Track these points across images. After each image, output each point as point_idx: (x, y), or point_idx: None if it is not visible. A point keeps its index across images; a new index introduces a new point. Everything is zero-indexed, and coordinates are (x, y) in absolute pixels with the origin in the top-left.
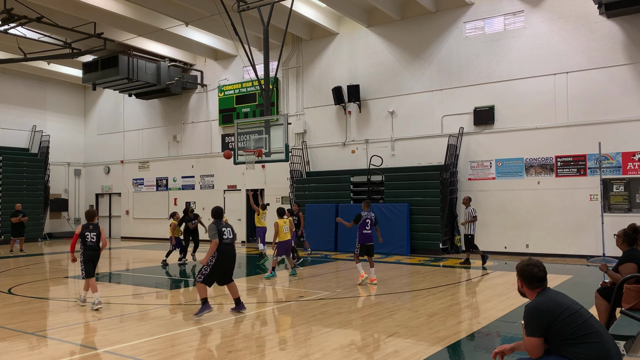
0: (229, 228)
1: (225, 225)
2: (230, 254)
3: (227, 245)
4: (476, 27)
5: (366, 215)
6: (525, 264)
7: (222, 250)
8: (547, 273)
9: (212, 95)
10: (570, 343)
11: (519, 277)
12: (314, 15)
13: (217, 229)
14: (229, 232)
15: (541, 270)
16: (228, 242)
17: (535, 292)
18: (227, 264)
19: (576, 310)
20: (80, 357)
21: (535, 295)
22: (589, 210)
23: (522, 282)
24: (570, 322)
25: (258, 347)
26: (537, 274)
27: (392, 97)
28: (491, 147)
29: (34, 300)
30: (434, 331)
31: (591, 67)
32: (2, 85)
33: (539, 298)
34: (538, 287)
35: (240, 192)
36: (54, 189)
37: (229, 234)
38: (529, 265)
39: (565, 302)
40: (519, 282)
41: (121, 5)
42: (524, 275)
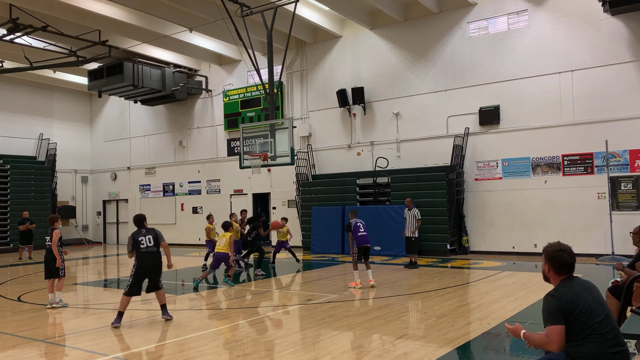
0: (149, 236)
1: (144, 234)
2: (149, 263)
3: (147, 254)
4: (480, 27)
5: (355, 221)
6: (556, 249)
7: (141, 259)
8: None
9: (217, 100)
10: (574, 340)
11: (547, 262)
12: (317, 18)
13: (132, 239)
14: (148, 240)
15: (571, 257)
16: (145, 250)
17: (560, 279)
18: (147, 273)
19: (592, 309)
20: None
21: (558, 282)
22: (597, 208)
23: (550, 267)
24: (582, 320)
25: (267, 350)
26: (567, 260)
27: (397, 99)
28: (497, 146)
29: (43, 308)
30: (443, 332)
31: (596, 65)
32: (9, 94)
33: (561, 287)
34: (565, 274)
35: (247, 196)
36: (62, 196)
37: (148, 242)
38: (560, 251)
39: (586, 298)
40: (545, 267)
41: (125, 13)
42: (553, 260)
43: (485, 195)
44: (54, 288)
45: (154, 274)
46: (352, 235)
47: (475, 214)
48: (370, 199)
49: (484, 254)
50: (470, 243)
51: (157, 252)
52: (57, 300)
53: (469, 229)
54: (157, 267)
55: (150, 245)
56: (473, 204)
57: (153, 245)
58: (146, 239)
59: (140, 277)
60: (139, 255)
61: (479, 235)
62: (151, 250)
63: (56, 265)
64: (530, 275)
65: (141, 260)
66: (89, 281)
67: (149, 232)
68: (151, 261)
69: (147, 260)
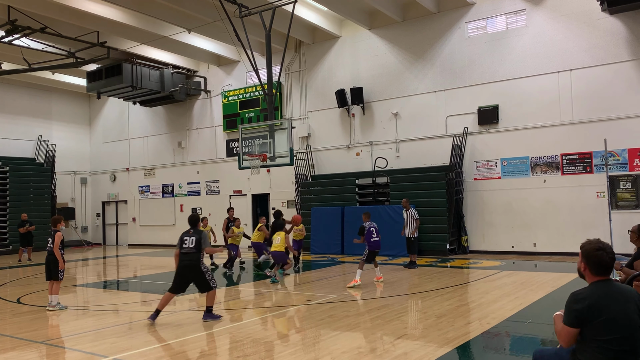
0: (193, 238)
1: (190, 234)
2: (183, 263)
3: (183, 255)
4: (478, 26)
5: (369, 224)
6: (595, 247)
7: (180, 258)
8: (559, 272)
9: (216, 101)
10: (583, 344)
11: (584, 260)
12: (315, 19)
13: (180, 238)
14: (190, 241)
15: (610, 257)
16: (184, 251)
17: (595, 280)
18: (182, 273)
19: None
20: None
21: (592, 282)
22: (596, 207)
23: (586, 265)
24: (597, 331)
25: (267, 351)
26: (605, 260)
27: (396, 99)
28: (496, 146)
29: (42, 310)
30: (443, 332)
31: (595, 64)
32: (8, 96)
33: (590, 290)
34: (601, 275)
35: (246, 197)
36: (61, 197)
37: (190, 243)
38: (599, 250)
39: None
40: (581, 264)
41: (124, 14)
42: (590, 259)
43: (484, 195)
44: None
45: (189, 276)
46: (365, 239)
47: (474, 214)
48: (370, 199)
49: (484, 254)
50: (470, 243)
51: (194, 254)
52: (54, 304)
53: (468, 228)
54: (191, 268)
55: (190, 247)
56: (472, 203)
57: (193, 247)
58: (190, 240)
59: (176, 276)
60: (180, 255)
61: (478, 234)
62: (189, 252)
63: (59, 268)
64: (529, 274)
65: (180, 260)
66: (88, 283)
67: (194, 234)
68: (184, 261)
69: (182, 260)
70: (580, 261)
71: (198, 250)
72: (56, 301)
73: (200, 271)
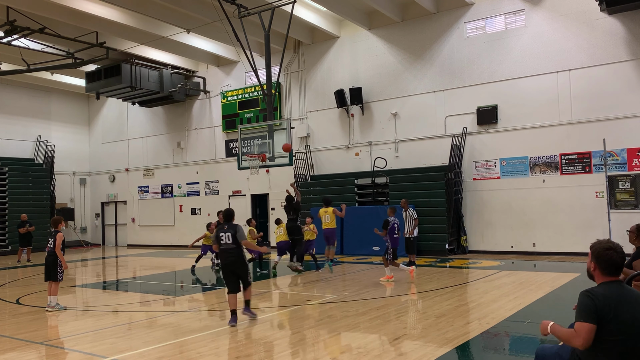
0: (229, 233)
1: (226, 230)
2: (228, 260)
3: (225, 251)
4: (477, 27)
5: (393, 220)
6: (605, 247)
7: (221, 256)
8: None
9: (215, 101)
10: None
11: (594, 259)
12: (314, 19)
13: (216, 235)
14: (227, 237)
15: (620, 257)
16: (224, 247)
17: (605, 280)
18: (230, 269)
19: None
20: None
21: (602, 282)
22: (595, 207)
23: (596, 265)
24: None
25: (266, 352)
26: (616, 260)
27: (395, 99)
28: (495, 146)
29: (41, 310)
30: (442, 332)
31: (593, 64)
32: (7, 97)
33: (603, 288)
34: (611, 275)
35: (245, 197)
36: (60, 198)
37: (227, 239)
38: (609, 250)
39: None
40: (591, 264)
41: (123, 14)
42: (601, 259)
43: (483, 195)
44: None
45: (238, 271)
46: (388, 234)
47: (473, 214)
48: (369, 199)
49: (483, 254)
50: (469, 243)
51: (235, 249)
52: (53, 304)
53: (467, 228)
54: (238, 264)
55: (228, 243)
56: (471, 203)
57: (232, 242)
58: (226, 235)
59: (225, 275)
60: (220, 252)
61: (477, 234)
62: (229, 248)
63: (63, 268)
64: (529, 274)
65: (222, 258)
66: (87, 283)
67: (230, 229)
68: (230, 258)
69: (225, 258)
70: (590, 261)
71: (237, 245)
72: (55, 302)
73: (246, 265)
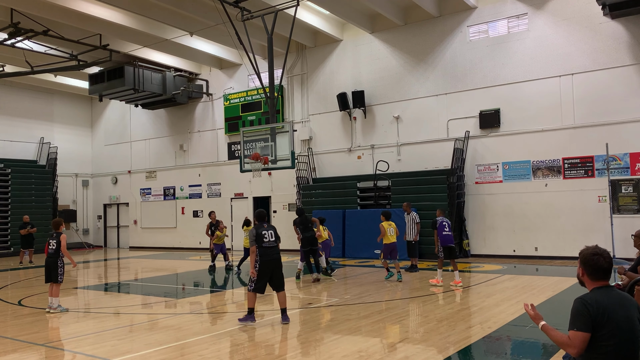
0: (271, 231)
1: (266, 228)
2: (273, 257)
3: (269, 249)
4: (480, 30)
5: (442, 219)
6: (591, 252)
7: (264, 253)
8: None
9: (218, 104)
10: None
11: (582, 265)
12: (317, 22)
13: (255, 233)
14: (270, 234)
15: (607, 261)
16: (268, 245)
17: (595, 285)
18: (270, 267)
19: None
20: None
21: (592, 287)
22: (598, 212)
23: (584, 270)
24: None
25: (267, 354)
26: (602, 265)
27: (397, 102)
28: (497, 150)
29: (43, 312)
30: (444, 336)
31: (596, 69)
32: (10, 98)
33: (595, 295)
34: (600, 280)
35: (247, 200)
36: (63, 200)
37: (270, 237)
38: (595, 255)
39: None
40: (580, 270)
41: (126, 17)
42: (587, 264)
43: (485, 199)
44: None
45: (279, 268)
46: (437, 234)
47: (475, 217)
48: (371, 202)
49: (485, 257)
50: (471, 246)
51: (278, 247)
52: (54, 306)
53: (469, 232)
54: (280, 262)
55: (271, 240)
56: (474, 207)
57: (274, 240)
58: (268, 233)
59: (264, 273)
60: (262, 250)
61: (479, 238)
62: (273, 245)
63: (73, 266)
64: (531, 278)
65: (264, 255)
66: (89, 285)
67: (270, 227)
68: (274, 255)
69: (270, 254)
70: (579, 267)
71: (278, 243)
72: (57, 303)
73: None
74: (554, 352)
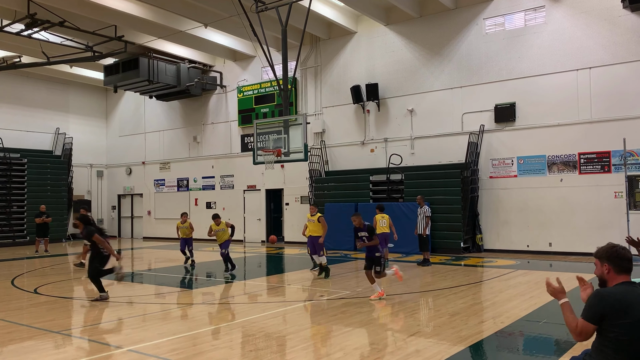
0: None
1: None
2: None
3: None
4: (496, 23)
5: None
6: (611, 246)
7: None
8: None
9: (231, 96)
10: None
11: (606, 262)
12: (332, 14)
13: None
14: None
15: (628, 251)
16: None
17: (619, 280)
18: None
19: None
20: (104, 355)
21: (615, 284)
22: (614, 208)
23: (611, 266)
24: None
25: (279, 346)
26: (626, 254)
27: (412, 95)
28: (512, 144)
29: (59, 300)
30: (456, 331)
31: (615, 62)
32: (26, 89)
33: (616, 288)
34: (625, 272)
35: (260, 192)
36: (77, 190)
37: None
38: (615, 247)
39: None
40: (605, 268)
41: (141, 8)
42: (613, 257)
43: (500, 193)
44: None
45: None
46: None
47: (489, 212)
48: (384, 195)
49: (498, 253)
50: (484, 241)
51: None
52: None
53: (483, 227)
54: None
55: None
56: (487, 202)
57: None
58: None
59: None
60: None
61: (493, 233)
62: None
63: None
64: (545, 274)
65: None
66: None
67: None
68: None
69: None
70: (602, 265)
71: None
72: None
73: None
74: (567, 349)
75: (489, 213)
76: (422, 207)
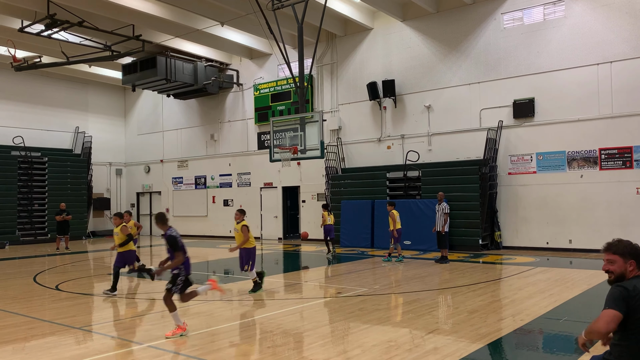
0: None
1: None
2: None
3: None
4: (514, 18)
5: None
6: (631, 243)
7: None
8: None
9: (248, 94)
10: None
11: (632, 258)
12: (348, 11)
13: None
14: None
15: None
16: None
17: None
18: None
19: None
20: (124, 351)
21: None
22: (636, 204)
23: (636, 261)
24: None
25: (297, 342)
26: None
27: (429, 92)
28: (532, 140)
29: (80, 297)
30: (475, 328)
31: (636, 56)
32: (47, 89)
33: (637, 280)
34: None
35: (277, 190)
36: (97, 188)
37: None
38: (636, 244)
39: None
40: (630, 264)
41: (158, 7)
42: (637, 252)
43: (518, 190)
44: None
45: None
46: None
47: (508, 209)
48: (401, 192)
49: (517, 250)
50: (503, 238)
51: None
52: None
53: (501, 223)
54: None
55: None
56: (506, 198)
57: None
58: None
59: None
60: None
61: (511, 230)
62: None
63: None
64: (564, 271)
65: None
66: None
67: None
68: None
69: None
70: (625, 262)
71: None
72: None
73: None
74: None
75: (508, 210)
76: (440, 204)
